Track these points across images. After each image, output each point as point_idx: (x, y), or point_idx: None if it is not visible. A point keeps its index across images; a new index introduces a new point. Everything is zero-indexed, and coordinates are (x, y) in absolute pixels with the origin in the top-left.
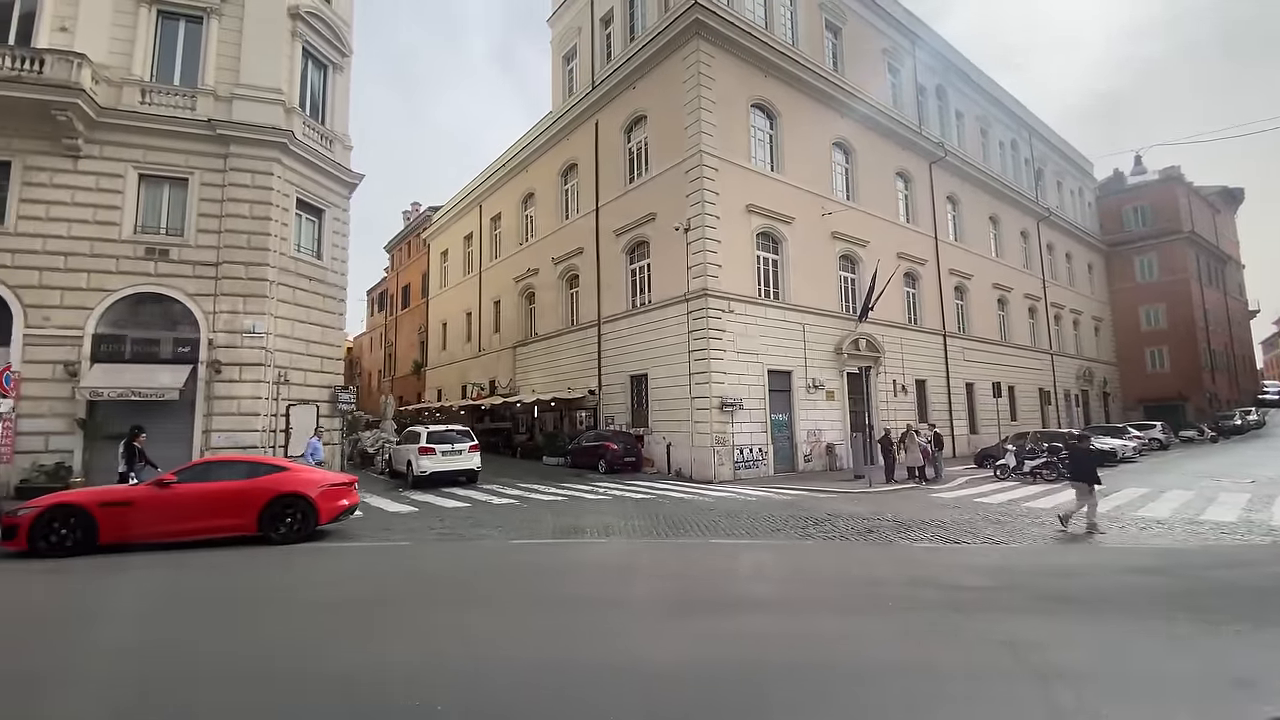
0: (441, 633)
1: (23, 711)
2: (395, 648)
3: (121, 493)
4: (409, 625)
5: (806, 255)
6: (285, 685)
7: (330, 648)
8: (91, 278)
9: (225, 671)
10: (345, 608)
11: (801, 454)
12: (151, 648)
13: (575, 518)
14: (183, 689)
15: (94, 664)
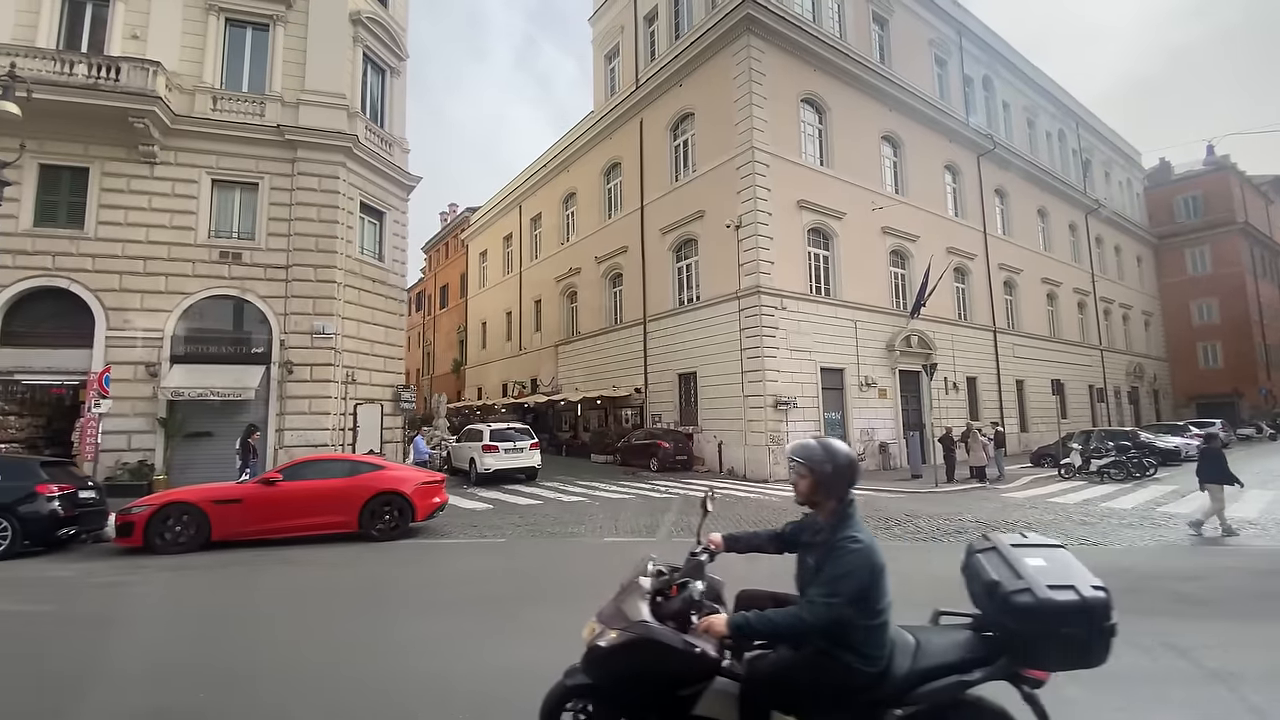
0: (558, 633)
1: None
2: (528, 650)
3: (231, 490)
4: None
5: (857, 251)
6: (479, 686)
7: (499, 646)
8: (169, 281)
9: (407, 670)
10: (489, 605)
11: (855, 453)
12: (324, 646)
13: (649, 516)
14: (374, 685)
15: (290, 659)
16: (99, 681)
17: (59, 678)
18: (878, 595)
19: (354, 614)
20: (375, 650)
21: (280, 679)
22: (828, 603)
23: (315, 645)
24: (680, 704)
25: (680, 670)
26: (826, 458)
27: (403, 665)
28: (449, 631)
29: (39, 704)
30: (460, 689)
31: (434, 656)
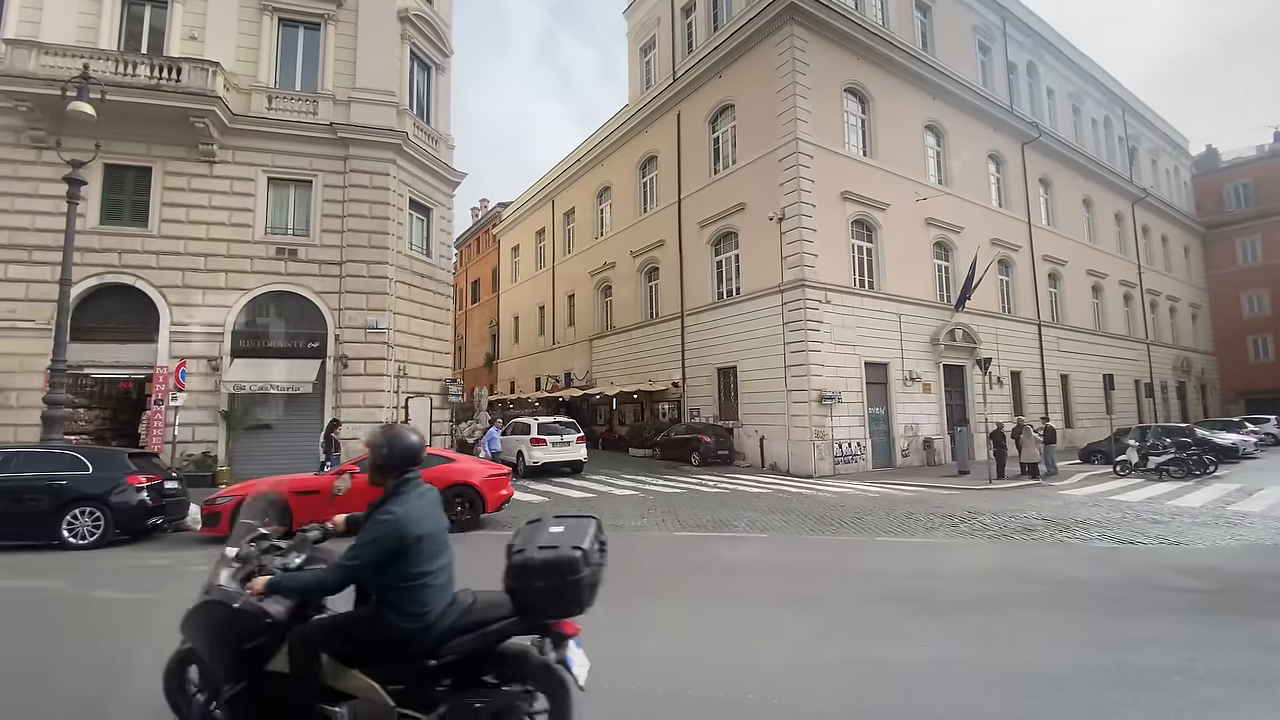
0: (718, 629)
1: None
2: (687, 642)
3: (311, 481)
4: (689, 621)
5: (901, 243)
6: (631, 678)
7: (626, 636)
8: (229, 277)
9: None
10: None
11: (899, 448)
12: None
13: (710, 511)
14: None
15: None
16: None
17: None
18: (411, 561)
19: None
20: None
21: None
22: (347, 565)
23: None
24: (251, 658)
25: (245, 628)
26: (384, 442)
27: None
28: (586, 619)
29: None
30: (613, 679)
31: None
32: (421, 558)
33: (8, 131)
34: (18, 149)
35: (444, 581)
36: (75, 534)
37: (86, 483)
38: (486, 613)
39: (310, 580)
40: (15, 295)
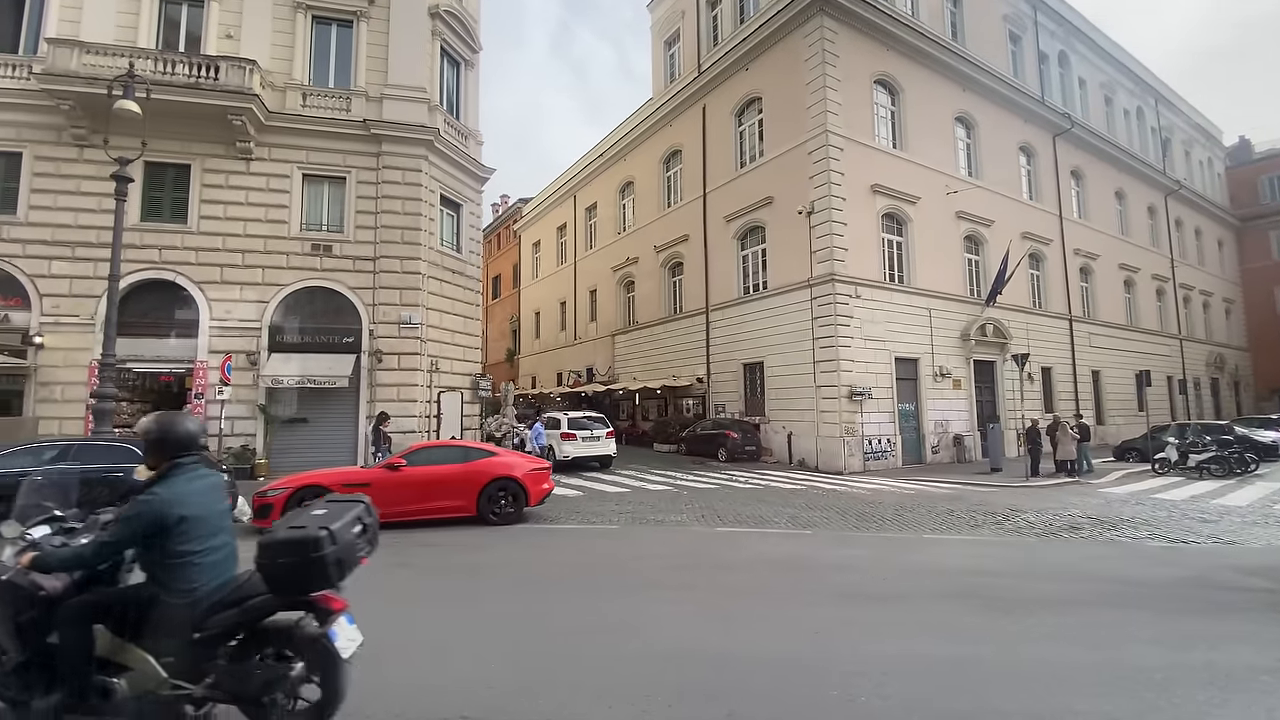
0: (791, 624)
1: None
2: (762, 637)
3: (361, 475)
4: (766, 617)
5: (931, 237)
6: (715, 670)
7: (704, 632)
8: (266, 273)
9: (660, 649)
10: (664, 589)
11: (929, 445)
12: (560, 624)
13: (747, 507)
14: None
15: (535, 637)
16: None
17: None
18: (175, 540)
19: (544, 594)
20: (603, 628)
21: (536, 658)
22: (103, 541)
23: (553, 624)
24: (27, 630)
25: (16, 602)
26: (154, 428)
27: (649, 643)
28: (662, 612)
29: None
30: (707, 671)
31: (665, 635)
32: (187, 537)
33: (50, 130)
34: (60, 147)
35: (215, 560)
36: None
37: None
38: (249, 590)
39: (69, 555)
40: (59, 291)
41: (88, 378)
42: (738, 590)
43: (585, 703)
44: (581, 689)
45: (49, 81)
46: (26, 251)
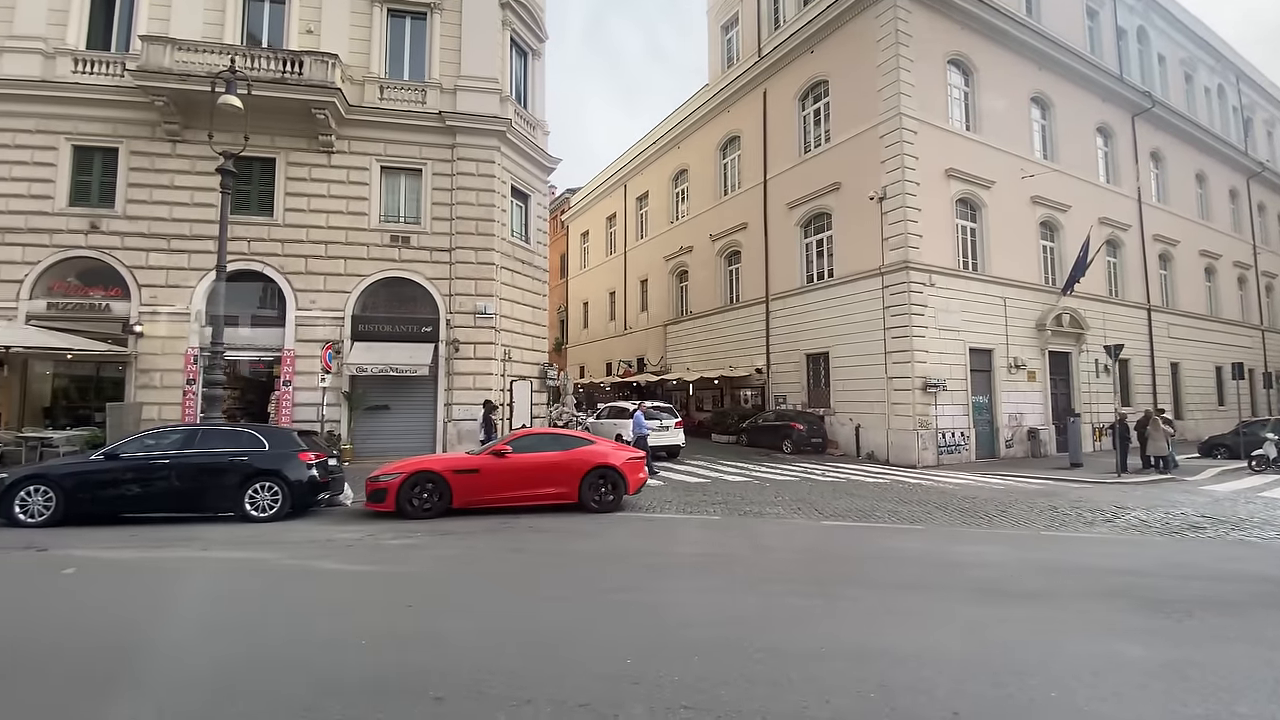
0: (956, 622)
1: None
2: (936, 635)
3: (469, 461)
4: (933, 614)
5: (1006, 223)
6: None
7: (875, 629)
8: (348, 264)
9: (827, 642)
10: (797, 583)
11: (1003, 439)
12: (704, 616)
13: (839, 499)
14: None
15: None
16: (528, 640)
17: (481, 636)
18: None
19: (680, 584)
20: (757, 622)
21: (702, 651)
22: None
23: (699, 616)
24: None
25: None
26: None
27: (819, 637)
28: (812, 606)
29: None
30: (861, 668)
31: (830, 630)
32: None
33: (144, 125)
34: (154, 142)
35: None
36: (256, 507)
37: (265, 459)
38: None
39: None
40: (156, 282)
41: (184, 365)
42: (877, 585)
43: (792, 699)
44: (778, 685)
45: (144, 78)
46: (125, 244)
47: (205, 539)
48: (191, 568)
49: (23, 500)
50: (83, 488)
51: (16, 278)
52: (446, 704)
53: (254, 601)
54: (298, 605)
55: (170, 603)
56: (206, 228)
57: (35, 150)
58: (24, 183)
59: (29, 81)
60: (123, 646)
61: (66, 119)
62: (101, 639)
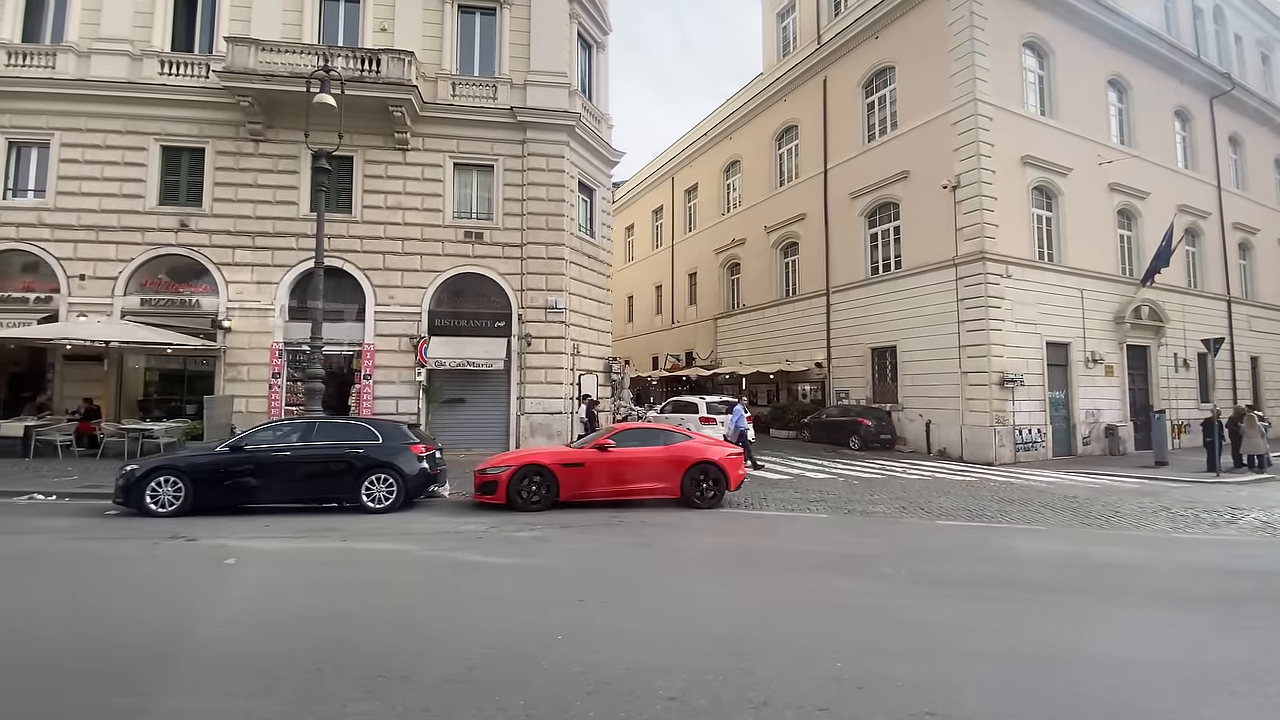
0: (1154, 627)
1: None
2: (1146, 641)
3: (575, 454)
4: (1124, 619)
5: (1082, 211)
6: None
7: (1071, 634)
8: (423, 260)
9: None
10: (951, 585)
11: (1080, 436)
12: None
13: (938, 497)
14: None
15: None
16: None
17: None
18: None
19: (834, 584)
20: (940, 625)
21: (903, 654)
22: None
23: (873, 618)
24: None
25: None
26: None
27: (1004, 643)
28: (983, 610)
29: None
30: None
31: (1012, 636)
32: None
33: (228, 125)
34: (238, 141)
35: None
36: (372, 498)
37: (381, 451)
38: None
39: None
40: (242, 278)
41: (270, 359)
42: (1043, 587)
43: (1050, 711)
44: (984, 690)
45: (230, 79)
46: (212, 241)
47: (337, 530)
48: (344, 559)
49: (153, 490)
50: (209, 478)
51: (111, 274)
52: (683, 705)
53: (433, 594)
54: (477, 598)
55: (353, 595)
56: (288, 225)
57: (126, 151)
58: (116, 182)
59: (117, 83)
60: (351, 642)
61: (155, 120)
62: (322, 634)
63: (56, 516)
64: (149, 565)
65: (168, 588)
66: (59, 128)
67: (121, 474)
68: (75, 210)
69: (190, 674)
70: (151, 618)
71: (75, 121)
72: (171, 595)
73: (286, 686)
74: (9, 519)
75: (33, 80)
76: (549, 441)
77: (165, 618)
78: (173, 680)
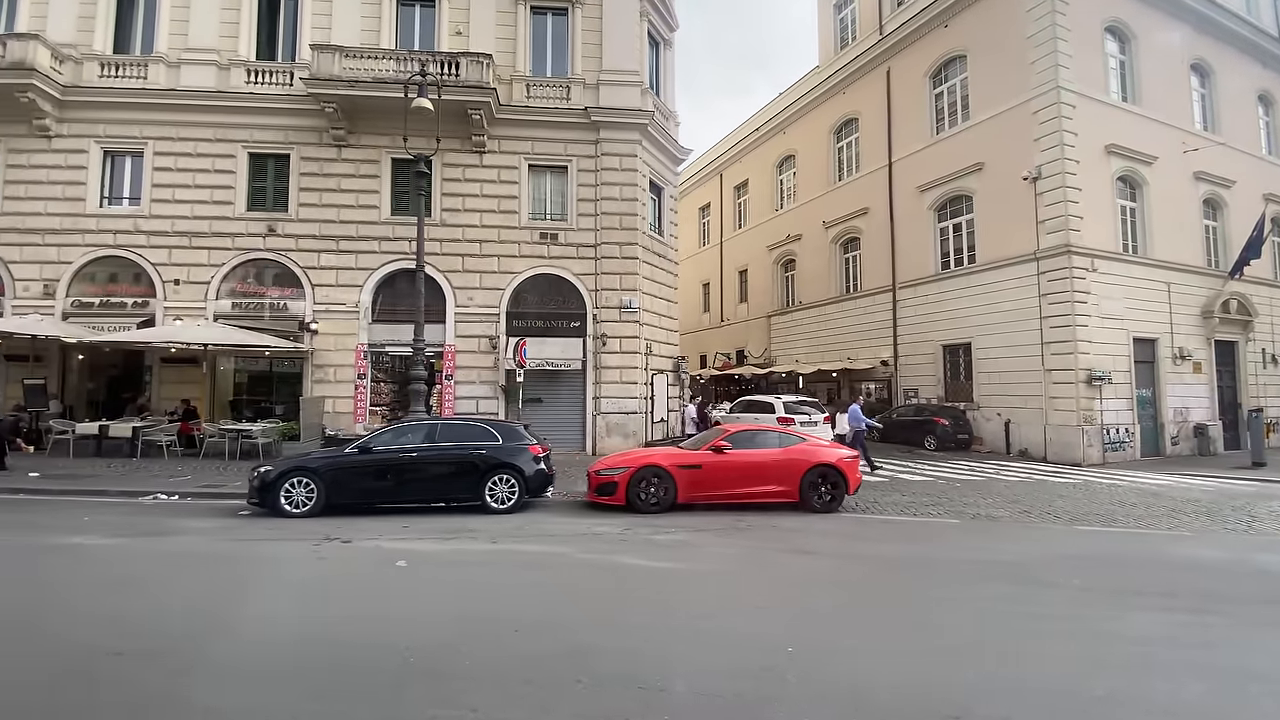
0: None
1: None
2: None
3: (693, 456)
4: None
5: (1167, 201)
6: None
7: None
8: (500, 261)
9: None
10: (1145, 596)
11: (1168, 435)
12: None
13: (1054, 500)
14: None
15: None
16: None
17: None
18: None
19: (1025, 597)
20: (1156, 640)
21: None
22: None
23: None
24: None
25: None
26: None
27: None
28: (1190, 623)
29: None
30: None
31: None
32: None
33: (312, 132)
34: (321, 148)
35: None
36: (495, 499)
37: (502, 452)
38: None
39: None
40: (327, 281)
41: (354, 360)
42: (1227, 599)
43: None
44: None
45: (316, 86)
46: (299, 245)
47: (476, 530)
48: (505, 560)
49: (287, 491)
50: (341, 480)
51: (204, 279)
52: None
53: (627, 598)
54: (671, 604)
55: (552, 600)
56: (370, 228)
57: (215, 158)
58: (207, 189)
59: (206, 92)
60: (588, 649)
61: (242, 127)
62: (554, 641)
63: (192, 517)
64: (327, 567)
65: (366, 591)
66: (152, 136)
67: (256, 475)
68: (169, 217)
69: (466, 684)
70: (383, 625)
71: (167, 130)
72: (376, 599)
73: (563, 704)
74: (151, 519)
75: (126, 90)
76: (625, 442)
77: (396, 623)
78: (463, 691)
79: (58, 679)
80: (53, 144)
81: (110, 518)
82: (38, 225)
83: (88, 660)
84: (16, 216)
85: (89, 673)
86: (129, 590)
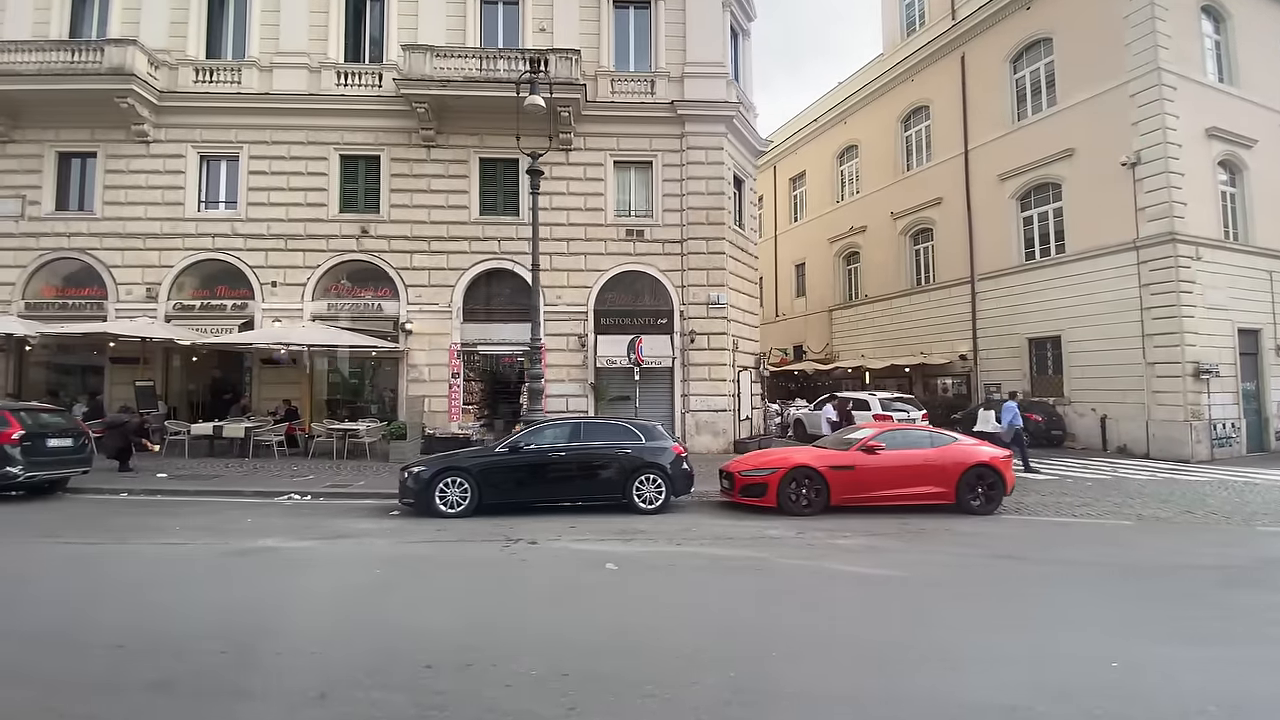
0: None
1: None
2: None
3: (845, 457)
4: None
5: (1268, 185)
6: None
7: None
8: (588, 259)
9: None
10: None
11: (1273, 430)
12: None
13: (1208, 498)
14: None
15: None
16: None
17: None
18: None
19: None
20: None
21: None
22: None
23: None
24: None
25: None
26: None
27: None
28: None
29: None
30: None
31: None
32: None
33: (401, 133)
34: (410, 148)
35: None
36: (642, 498)
37: (648, 452)
38: None
39: None
40: (420, 282)
41: (448, 359)
42: None
43: None
44: None
45: (407, 86)
46: (391, 246)
47: (643, 531)
48: (701, 563)
49: (442, 491)
50: (492, 479)
51: (300, 281)
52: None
53: (883, 610)
54: (940, 619)
55: (825, 611)
56: (461, 228)
57: (308, 161)
58: (301, 192)
59: (299, 95)
60: (950, 672)
61: (334, 130)
62: (918, 661)
63: (349, 517)
64: (541, 572)
65: (612, 599)
66: (246, 140)
67: (409, 475)
68: (265, 220)
69: (798, 707)
70: (680, 635)
71: (261, 134)
72: (643, 606)
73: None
74: (310, 519)
75: (221, 95)
76: (715, 440)
77: (698, 632)
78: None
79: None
80: (150, 149)
81: (274, 520)
82: (138, 230)
83: (463, 675)
84: (117, 221)
85: (476, 693)
86: (394, 598)
